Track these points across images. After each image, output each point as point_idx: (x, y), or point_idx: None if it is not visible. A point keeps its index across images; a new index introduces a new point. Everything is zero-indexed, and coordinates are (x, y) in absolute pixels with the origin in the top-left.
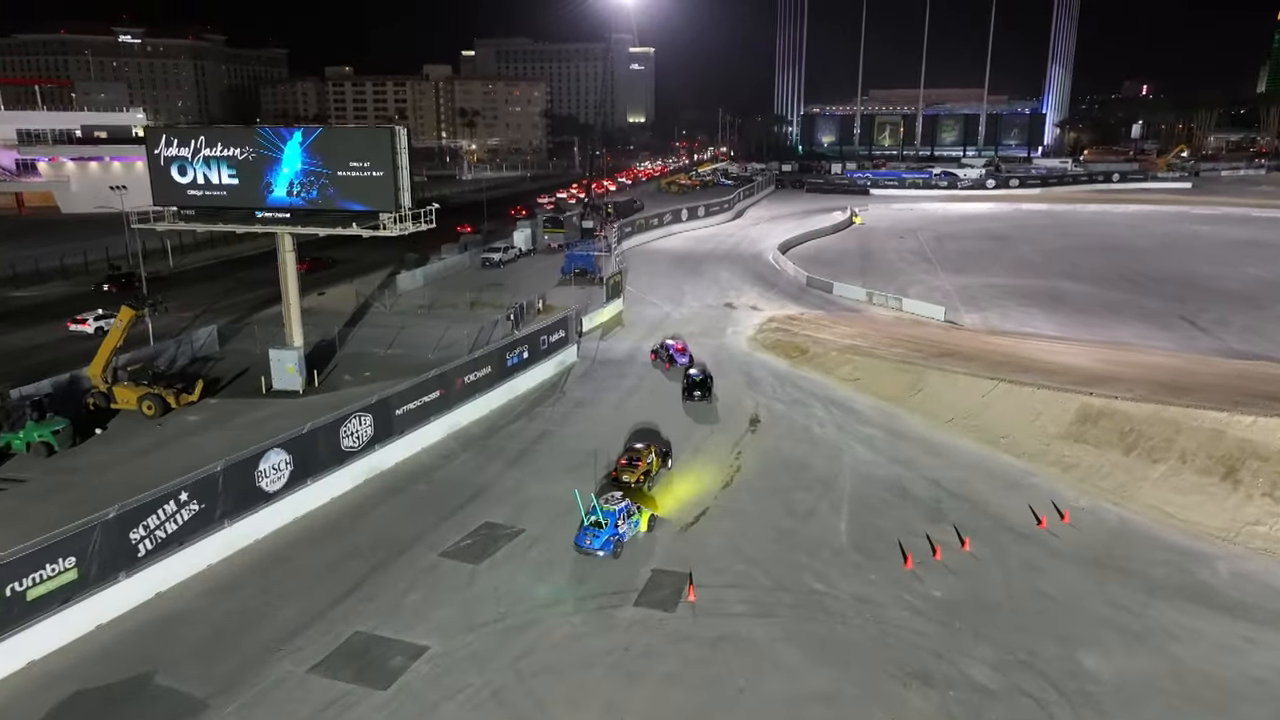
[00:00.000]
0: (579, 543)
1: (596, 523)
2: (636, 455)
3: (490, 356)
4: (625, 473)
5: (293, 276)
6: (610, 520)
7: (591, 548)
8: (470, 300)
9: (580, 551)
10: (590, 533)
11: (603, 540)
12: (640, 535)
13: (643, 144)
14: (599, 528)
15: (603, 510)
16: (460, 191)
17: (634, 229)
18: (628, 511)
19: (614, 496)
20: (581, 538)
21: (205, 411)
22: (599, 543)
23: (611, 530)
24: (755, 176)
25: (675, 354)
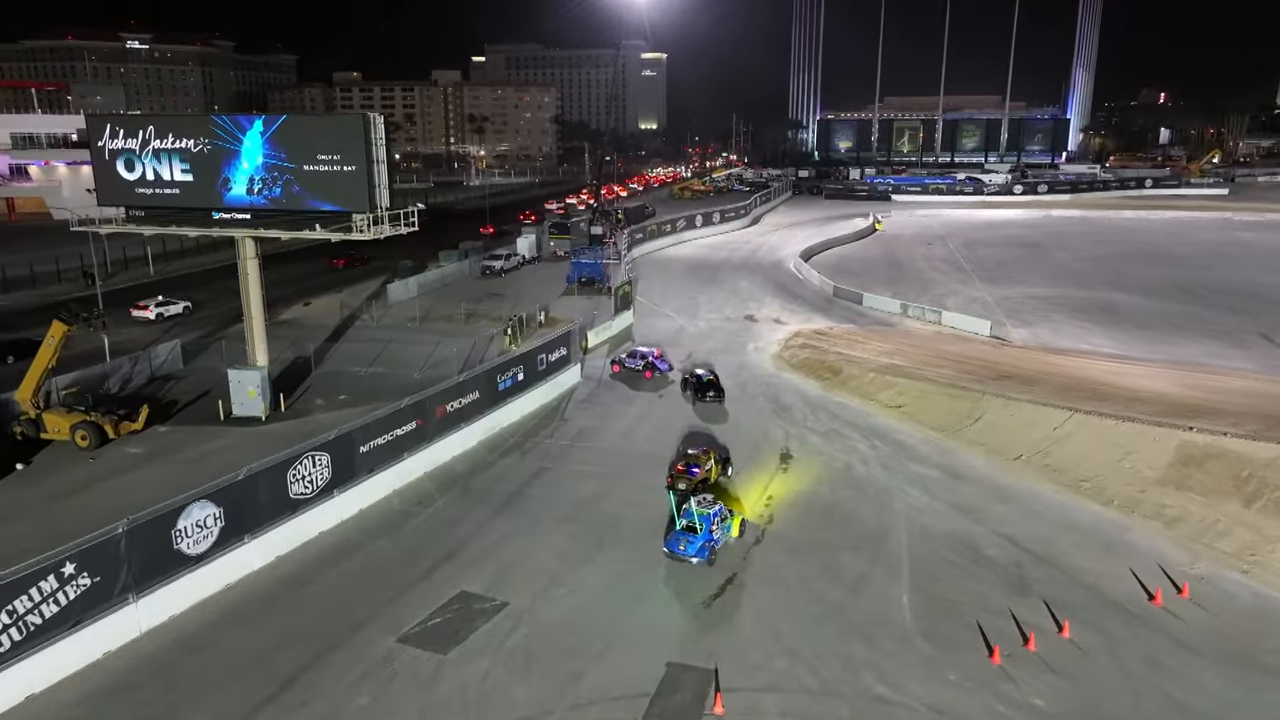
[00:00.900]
0: (672, 549)
1: (690, 527)
2: (694, 461)
3: (478, 380)
4: (682, 480)
5: (255, 287)
6: (705, 524)
7: (686, 554)
8: (466, 312)
9: (673, 558)
10: (683, 538)
11: (697, 546)
12: (731, 541)
13: (654, 150)
14: (693, 532)
15: (698, 513)
16: (466, 198)
17: (645, 235)
18: (721, 515)
19: (707, 499)
20: (674, 543)
21: (150, 442)
22: (694, 549)
23: (706, 535)
24: (771, 182)
25: (655, 360)
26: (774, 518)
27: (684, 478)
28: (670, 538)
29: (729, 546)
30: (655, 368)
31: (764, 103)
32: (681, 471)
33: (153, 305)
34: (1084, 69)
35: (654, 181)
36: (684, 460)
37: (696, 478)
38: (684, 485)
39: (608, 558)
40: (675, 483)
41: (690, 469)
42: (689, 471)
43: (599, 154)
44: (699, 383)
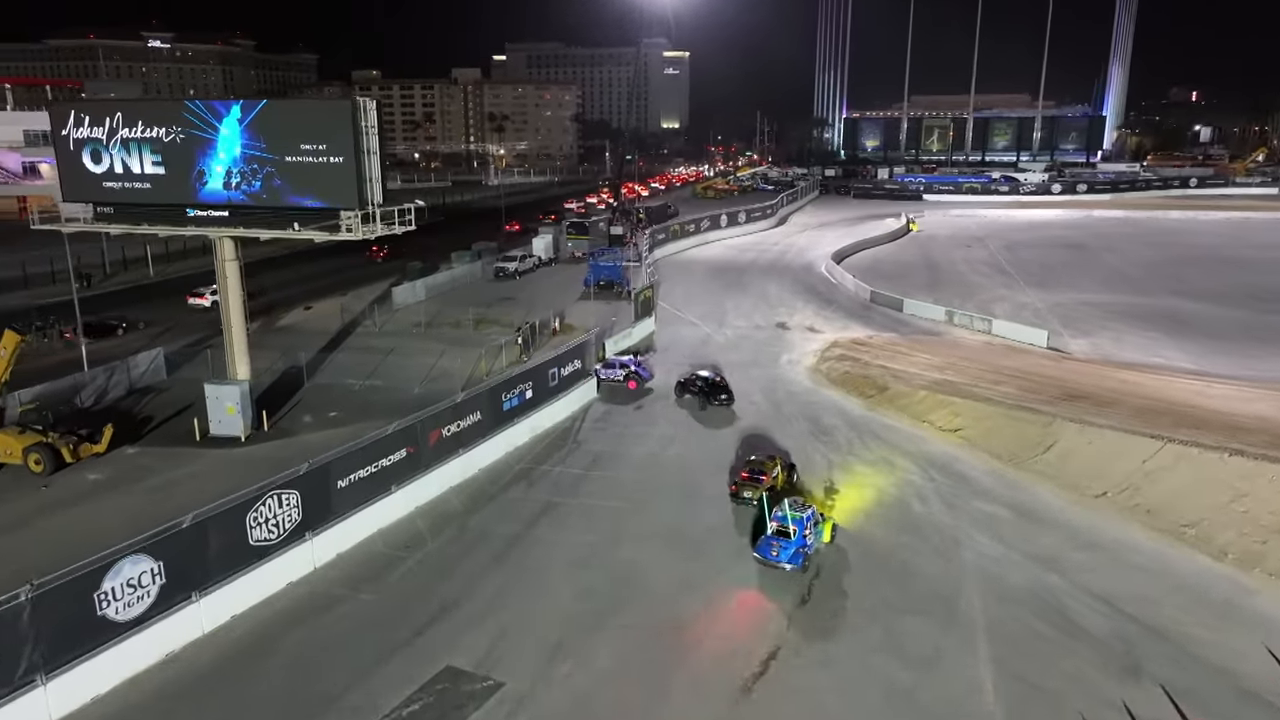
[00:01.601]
0: (763, 554)
1: (782, 530)
2: (759, 468)
3: (480, 400)
4: (748, 488)
5: (235, 292)
6: (799, 528)
7: (778, 561)
8: (475, 318)
9: (763, 564)
10: (776, 543)
11: (790, 552)
12: (822, 547)
13: (676, 150)
14: (785, 537)
15: (792, 516)
16: (484, 197)
17: (668, 236)
18: (814, 518)
19: (798, 501)
20: (765, 549)
21: (113, 466)
22: (786, 555)
23: (800, 541)
24: (797, 181)
25: (638, 369)
26: (821, 570)
27: (750, 484)
28: (761, 543)
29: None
30: (639, 376)
31: (788, 101)
32: (747, 478)
33: (208, 293)
34: (1120, 65)
35: (676, 180)
36: (748, 466)
37: (764, 484)
38: (750, 493)
39: (623, 623)
40: (741, 490)
41: (756, 474)
42: (755, 478)
43: (620, 152)
44: (707, 385)
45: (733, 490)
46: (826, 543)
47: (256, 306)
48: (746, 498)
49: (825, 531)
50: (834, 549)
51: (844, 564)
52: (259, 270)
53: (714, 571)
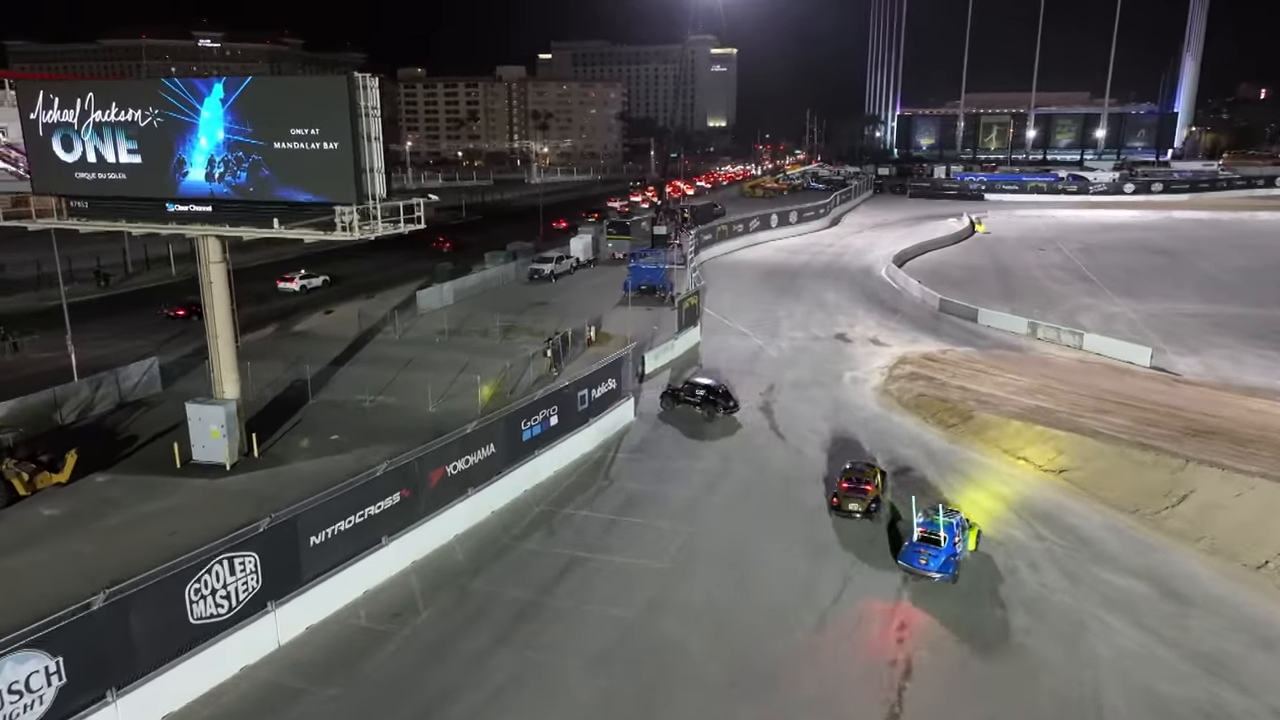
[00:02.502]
0: (910, 563)
1: (929, 537)
2: (861, 476)
3: (494, 430)
4: (851, 500)
5: (221, 299)
6: (949, 534)
7: (927, 569)
8: (503, 325)
9: (911, 574)
10: (925, 550)
11: (941, 560)
12: (969, 555)
13: (723, 148)
14: (933, 544)
15: (941, 522)
16: (525, 195)
17: (714, 236)
18: (962, 524)
19: (943, 505)
20: (913, 557)
21: (75, 498)
22: (937, 563)
23: (950, 549)
24: (850, 180)
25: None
26: (912, 666)
27: (854, 497)
28: (907, 550)
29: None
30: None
31: (839, 98)
32: (849, 489)
33: (297, 278)
34: (1192, 59)
35: (722, 179)
36: (847, 475)
37: (869, 495)
38: (856, 505)
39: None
40: (844, 503)
41: (859, 484)
42: (858, 488)
43: (664, 149)
44: (709, 394)
45: (834, 504)
46: (972, 550)
47: (276, 311)
48: (852, 510)
49: (970, 539)
50: (930, 636)
51: (943, 660)
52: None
53: (769, 675)
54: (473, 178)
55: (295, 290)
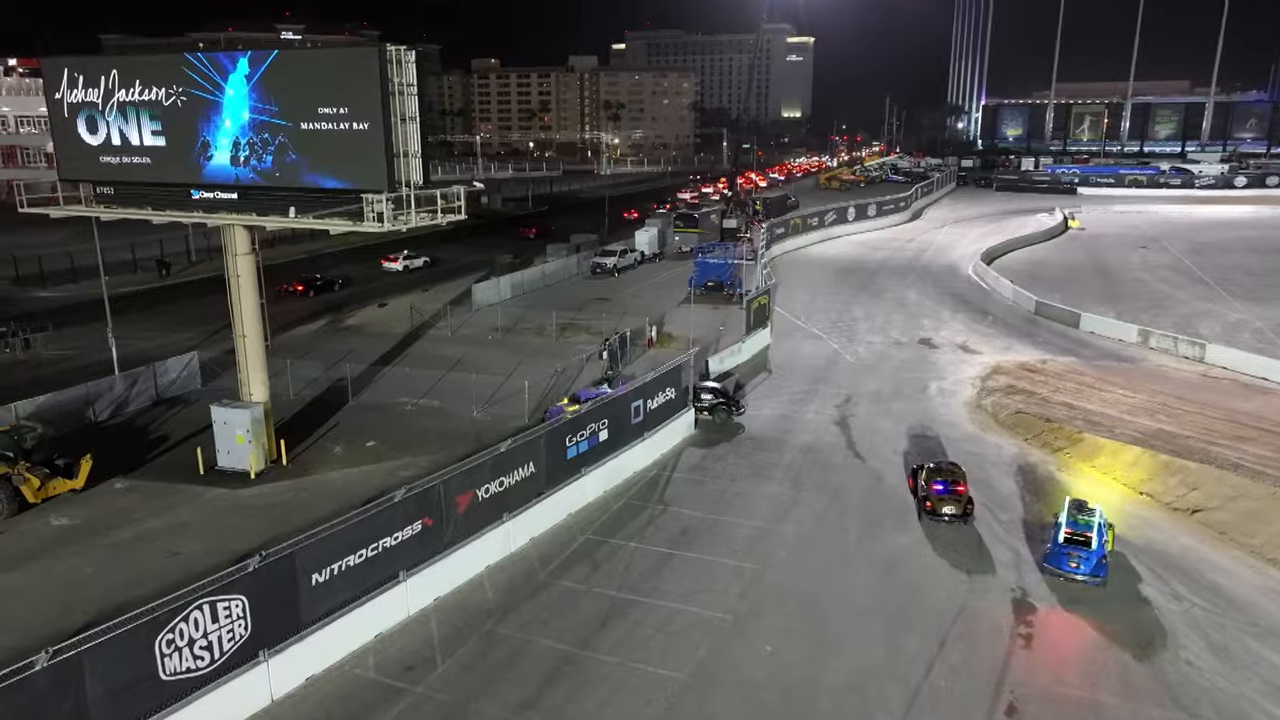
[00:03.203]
0: (1058, 565)
1: (1078, 538)
2: (952, 474)
3: (533, 449)
4: (947, 503)
5: (250, 294)
6: (1098, 535)
7: (1078, 574)
8: (560, 324)
9: (1057, 576)
10: (1075, 554)
11: (1094, 563)
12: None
13: (797, 140)
14: (1083, 545)
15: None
16: (594, 186)
17: (787, 230)
18: (1107, 523)
19: (1082, 502)
20: (1061, 560)
21: (89, 507)
22: (1090, 566)
23: (1100, 550)
24: (931, 172)
25: None
26: None
27: (949, 499)
28: (1054, 554)
29: None
30: None
31: (920, 88)
32: (942, 492)
33: (400, 258)
34: None
35: (796, 171)
36: (933, 475)
37: (964, 496)
38: (953, 508)
39: None
40: (939, 507)
41: (952, 485)
42: (951, 490)
43: (737, 140)
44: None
45: (929, 508)
46: (1110, 550)
47: (328, 304)
48: (948, 514)
49: (1109, 538)
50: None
51: None
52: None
53: None
54: (543, 168)
55: (398, 270)
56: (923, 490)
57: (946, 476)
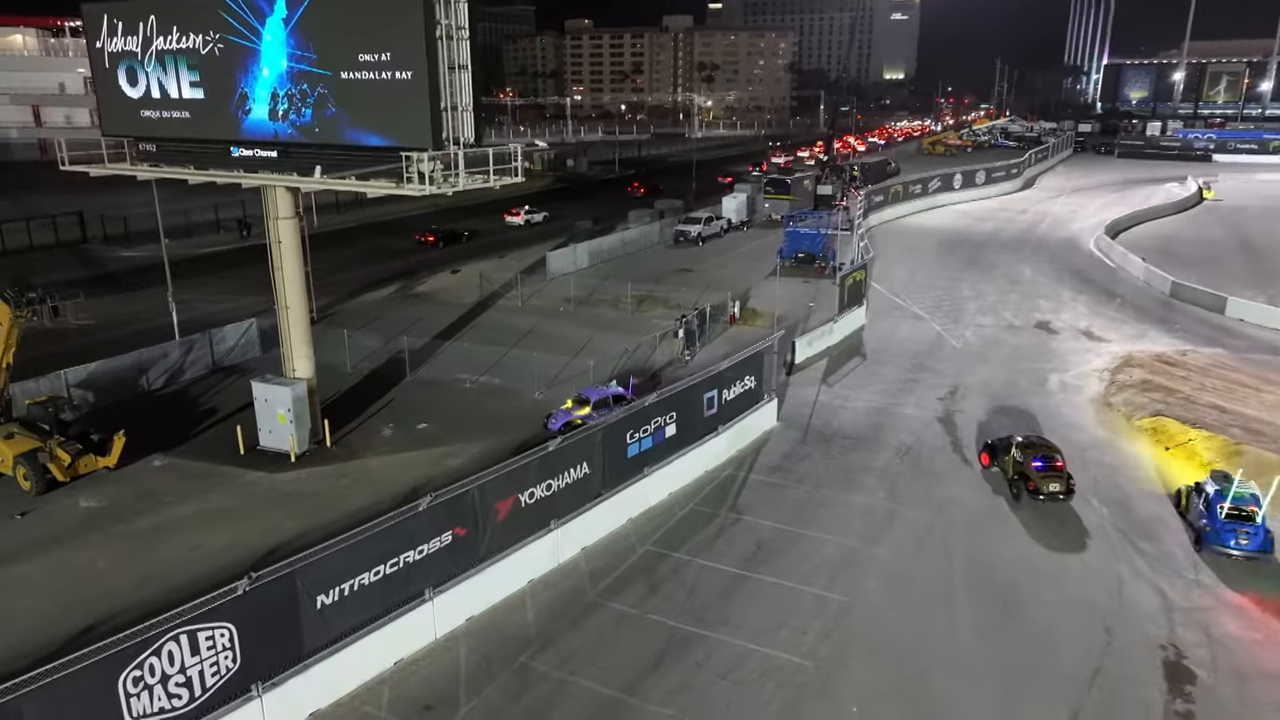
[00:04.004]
0: (1226, 543)
1: (1239, 512)
2: (1047, 449)
3: (587, 445)
4: (1051, 480)
5: (292, 258)
6: (1260, 506)
7: (1247, 549)
8: (637, 296)
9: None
10: (1240, 529)
11: (1260, 538)
12: None
13: (899, 102)
14: (1247, 519)
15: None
16: (684, 150)
17: (887, 198)
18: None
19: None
20: (1228, 537)
21: (120, 487)
22: (1258, 541)
23: (1264, 523)
24: (1046, 137)
25: None
26: None
27: (1053, 476)
28: (1219, 531)
29: None
30: None
31: (1035, 48)
32: (1043, 468)
33: (522, 213)
34: None
35: (897, 135)
36: (1028, 452)
37: (1065, 470)
38: (1058, 486)
39: None
40: (1044, 485)
41: (1051, 461)
42: (1050, 467)
43: (835, 101)
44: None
45: (1031, 487)
46: None
47: (403, 267)
48: (1055, 493)
49: None
50: None
51: None
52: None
53: None
54: (632, 131)
55: (520, 224)
56: (1016, 467)
57: (1043, 452)
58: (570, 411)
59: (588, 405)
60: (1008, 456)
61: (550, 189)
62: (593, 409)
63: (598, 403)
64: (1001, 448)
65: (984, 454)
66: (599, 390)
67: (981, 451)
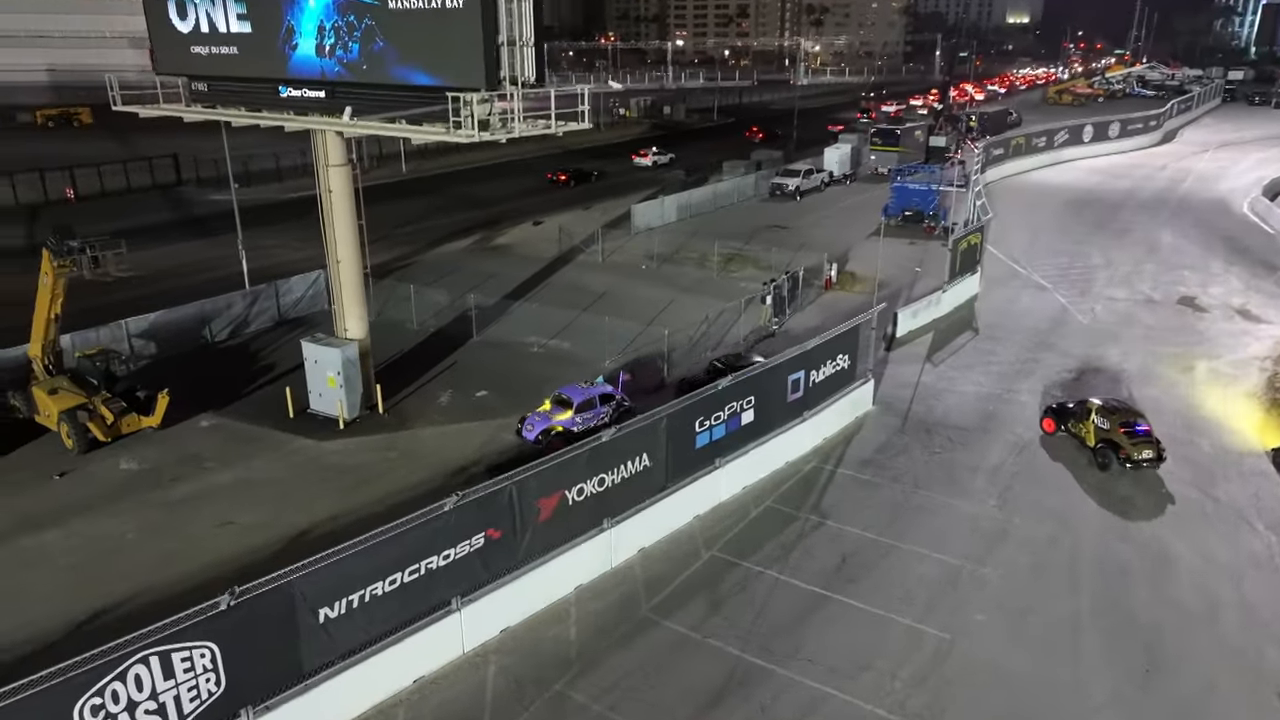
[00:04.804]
0: None
1: None
2: (1130, 413)
3: (650, 434)
4: (1143, 447)
5: (343, 208)
6: None
7: None
8: (724, 255)
9: None
10: None
11: None
12: None
13: (1023, 49)
14: None
15: None
16: (788, 97)
17: (1007, 152)
18: None
19: None
20: None
21: (161, 449)
22: None
23: None
24: (1189, 86)
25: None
26: None
27: (1145, 442)
28: None
29: None
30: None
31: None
32: (1137, 433)
33: (650, 154)
34: None
35: (1020, 83)
36: (1110, 417)
37: (1154, 435)
38: (1151, 452)
39: None
40: (1135, 453)
41: (1133, 426)
42: (1134, 429)
43: (953, 46)
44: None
45: (1122, 455)
46: None
47: (485, 217)
48: (1148, 460)
49: None
50: None
51: None
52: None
53: None
54: (735, 78)
55: (648, 165)
56: (1100, 434)
57: (1133, 417)
58: (548, 416)
59: (569, 408)
60: (1086, 422)
61: (646, 137)
62: (575, 413)
63: (582, 404)
64: (1077, 413)
65: (1047, 419)
66: (583, 390)
67: (1044, 417)
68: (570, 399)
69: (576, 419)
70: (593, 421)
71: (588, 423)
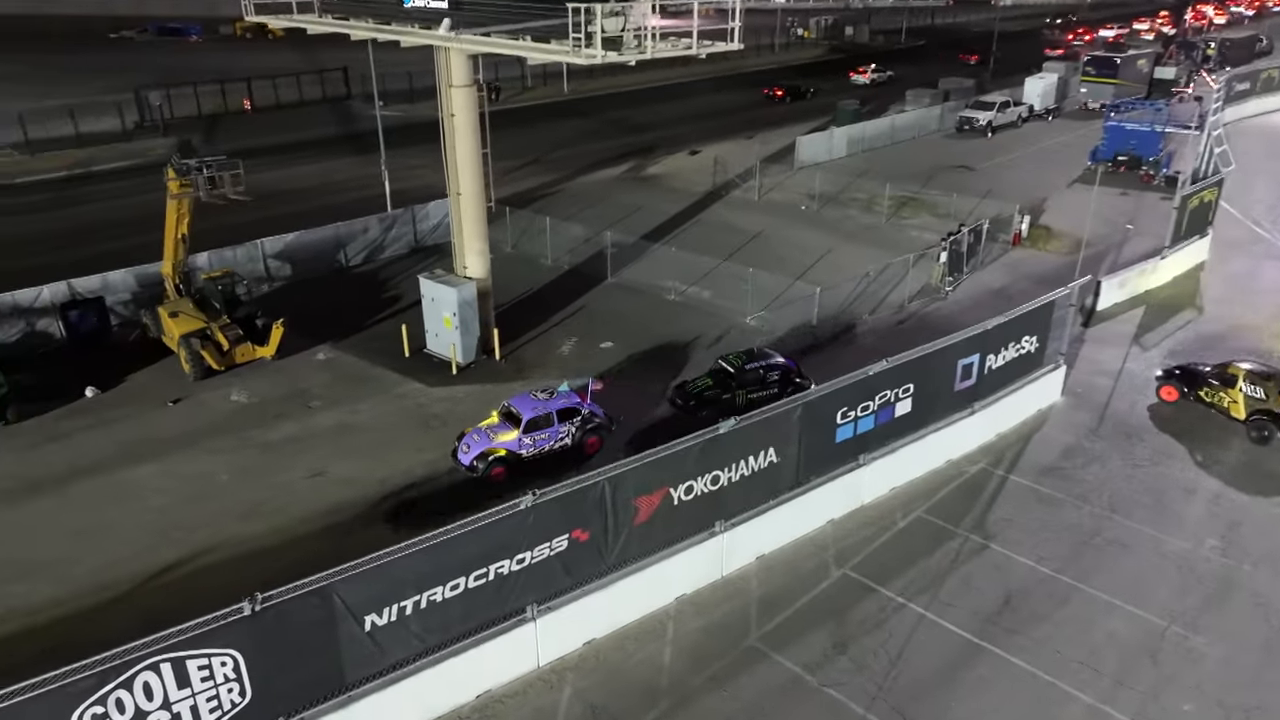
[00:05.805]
0: None
1: None
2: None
3: (780, 424)
4: None
5: (466, 134)
6: None
7: None
8: (895, 199)
9: None
10: None
11: None
12: None
13: None
14: None
15: None
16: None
17: (1254, 87)
18: None
19: None
20: None
21: (273, 382)
22: None
23: None
24: None
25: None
26: None
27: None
28: None
29: None
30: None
31: None
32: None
33: (870, 70)
34: None
35: (1273, 3)
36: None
37: None
38: None
39: None
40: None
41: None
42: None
43: None
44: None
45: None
46: None
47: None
48: None
49: None
50: None
51: None
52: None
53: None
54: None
55: (866, 83)
56: (1254, 404)
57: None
58: (489, 436)
59: (516, 428)
60: (1233, 389)
61: (821, 60)
62: (523, 433)
63: (532, 422)
64: (1217, 379)
65: (1166, 387)
66: (537, 402)
67: (1163, 384)
68: (519, 414)
69: (525, 440)
70: (547, 444)
71: (540, 445)
